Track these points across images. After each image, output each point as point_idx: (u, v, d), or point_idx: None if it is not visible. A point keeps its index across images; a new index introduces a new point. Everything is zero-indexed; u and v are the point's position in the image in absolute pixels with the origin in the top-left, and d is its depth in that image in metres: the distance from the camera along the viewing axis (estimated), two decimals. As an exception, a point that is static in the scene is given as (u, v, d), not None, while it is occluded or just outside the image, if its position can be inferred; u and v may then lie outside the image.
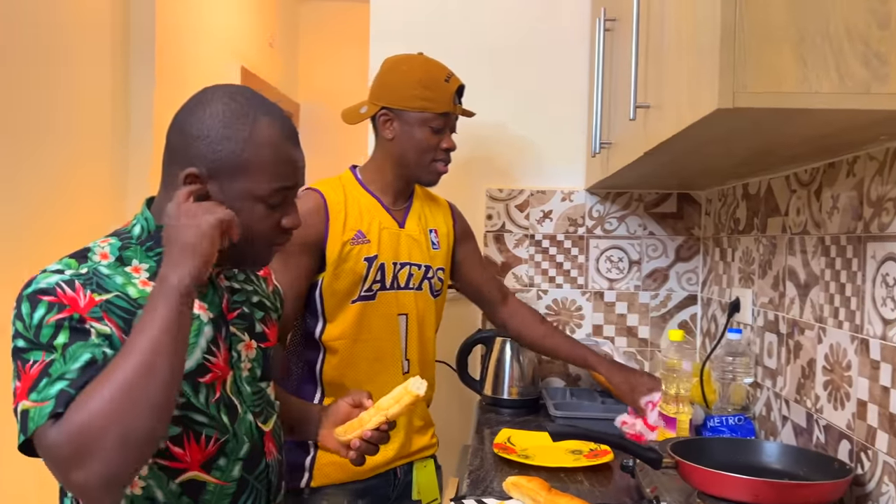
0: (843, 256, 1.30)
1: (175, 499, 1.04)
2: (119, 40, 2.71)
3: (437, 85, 1.63)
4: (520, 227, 2.22)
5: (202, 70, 3.30)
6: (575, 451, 1.61)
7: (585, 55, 2.19)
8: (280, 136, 1.06)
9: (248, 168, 1.03)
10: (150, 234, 1.08)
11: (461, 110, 1.70)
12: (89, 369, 0.92)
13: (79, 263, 1.02)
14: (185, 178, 1.03)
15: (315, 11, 5.01)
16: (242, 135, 1.03)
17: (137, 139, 2.77)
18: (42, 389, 0.91)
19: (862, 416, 1.21)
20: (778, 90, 0.87)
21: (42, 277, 0.98)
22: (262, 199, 1.05)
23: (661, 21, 1.20)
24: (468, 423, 2.19)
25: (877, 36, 0.86)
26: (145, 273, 1.05)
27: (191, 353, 1.04)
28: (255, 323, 1.18)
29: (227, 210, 1.01)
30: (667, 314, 2.20)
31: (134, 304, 1.01)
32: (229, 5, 3.73)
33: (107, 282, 1.01)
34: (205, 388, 1.06)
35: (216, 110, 1.04)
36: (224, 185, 1.04)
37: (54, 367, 0.92)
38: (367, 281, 1.60)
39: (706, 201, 2.16)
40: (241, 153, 1.03)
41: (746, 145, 1.22)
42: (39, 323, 0.94)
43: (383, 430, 1.18)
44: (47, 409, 0.90)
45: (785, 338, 1.55)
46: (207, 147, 1.03)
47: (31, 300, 0.96)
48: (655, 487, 1.25)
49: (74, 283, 0.98)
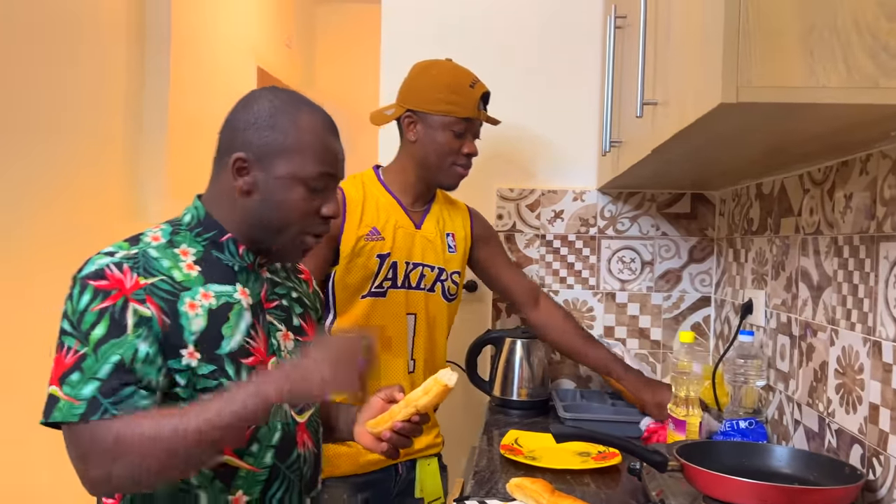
0: (856, 257, 1.27)
1: (208, 482, 1.08)
2: (134, 40, 2.73)
3: (461, 90, 1.66)
4: (531, 227, 2.20)
5: (218, 70, 3.32)
6: (582, 453, 1.60)
7: (598, 53, 2.17)
8: (322, 125, 1.14)
9: (293, 151, 1.10)
10: (200, 221, 1.14)
11: (485, 117, 1.72)
12: (118, 373, 0.99)
13: (130, 245, 1.09)
14: (234, 163, 1.10)
15: (332, 13, 5.02)
16: (287, 121, 1.11)
17: (152, 139, 2.79)
18: (76, 385, 0.98)
19: (874, 421, 1.18)
20: (784, 84, 0.85)
21: (95, 259, 1.05)
22: (305, 181, 1.11)
23: (668, 16, 1.18)
24: (477, 425, 2.18)
25: (885, 28, 0.84)
26: (192, 257, 1.11)
27: (231, 335, 1.09)
28: (293, 316, 1.22)
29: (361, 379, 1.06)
30: (679, 316, 2.17)
31: (178, 287, 1.07)
32: (246, 6, 3.75)
33: (154, 264, 1.07)
34: (247, 369, 1.10)
35: (263, 104, 1.13)
36: (269, 168, 1.11)
37: (87, 363, 0.99)
38: (377, 278, 1.62)
39: (720, 201, 2.13)
40: (286, 138, 1.11)
41: (755, 142, 1.19)
42: (84, 309, 1.01)
43: (415, 421, 1.19)
44: (78, 409, 0.97)
45: (797, 340, 1.52)
46: (255, 134, 1.11)
47: (81, 284, 1.02)
48: (661, 491, 1.23)
49: (123, 265, 1.04)
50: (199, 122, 3.10)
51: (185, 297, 1.06)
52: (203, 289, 1.08)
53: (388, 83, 2.24)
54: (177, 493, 1.07)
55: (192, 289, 1.07)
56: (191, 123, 2.99)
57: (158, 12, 2.80)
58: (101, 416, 0.97)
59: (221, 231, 1.13)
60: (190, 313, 1.06)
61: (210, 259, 1.12)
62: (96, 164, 2.50)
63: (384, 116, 1.71)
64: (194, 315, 1.06)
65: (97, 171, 2.51)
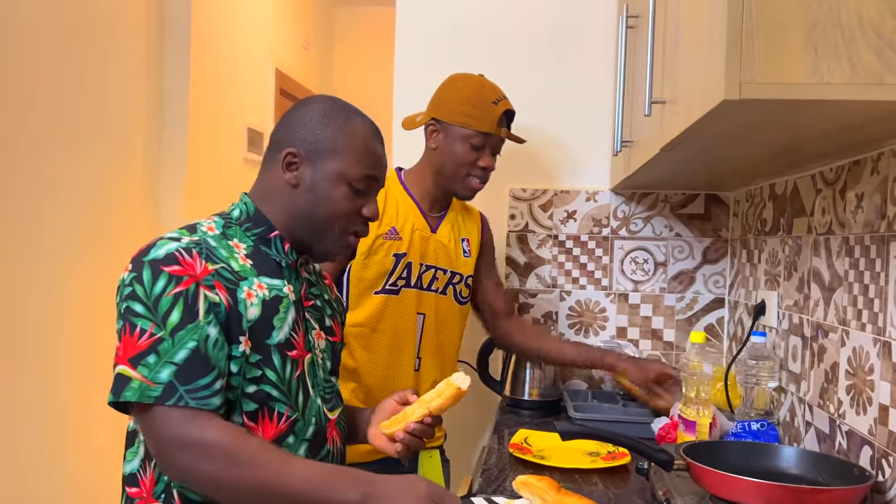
0: (866, 257, 1.26)
1: None
2: (154, 42, 2.77)
3: (483, 104, 1.70)
4: (543, 228, 2.20)
5: (237, 72, 3.35)
6: (592, 453, 1.60)
7: (611, 53, 2.17)
8: (370, 132, 1.20)
9: (342, 151, 1.16)
10: (249, 217, 1.17)
11: (506, 134, 1.76)
12: (194, 358, 1.01)
13: (190, 233, 1.11)
14: (285, 157, 1.15)
15: (349, 15, 5.04)
16: (339, 124, 1.17)
17: (171, 141, 2.82)
18: (153, 368, 0.99)
19: (884, 422, 1.17)
20: (787, 81, 0.85)
21: (161, 244, 1.07)
22: (350, 181, 1.16)
23: (676, 15, 1.18)
24: (487, 424, 2.18)
25: (890, 25, 0.83)
26: (244, 250, 1.14)
27: (281, 326, 1.12)
28: (325, 317, 1.27)
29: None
30: (693, 317, 2.16)
31: (237, 276, 1.09)
32: (264, 8, 3.78)
33: (216, 252, 1.10)
34: (291, 361, 1.13)
35: (317, 106, 1.18)
36: (318, 164, 1.15)
37: (163, 347, 1.00)
38: (392, 276, 1.66)
39: (734, 202, 2.12)
40: (337, 138, 1.16)
41: (763, 140, 1.19)
42: (160, 294, 1.03)
43: (427, 423, 1.21)
44: (153, 392, 0.99)
45: (809, 341, 1.51)
46: (307, 132, 1.16)
47: (153, 268, 1.04)
48: (667, 490, 1.23)
49: (192, 251, 1.07)
50: (219, 123, 3.13)
51: (244, 286, 1.09)
52: (258, 280, 1.12)
53: (402, 86, 2.26)
54: None
55: (248, 279, 1.11)
56: (210, 124, 3.02)
57: (178, 15, 2.83)
58: (176, 402, 0.98)
59: (270, 227, 1.17)
60: (248, 301, 1.09)
61: (260, 254, 1.15)
62: (117, 164, 2.54)
63: (413, 122, 1.78)
64: (251, 304, 1.09)
65: (119, 170, 2.55)
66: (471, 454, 2.18)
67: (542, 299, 2.20)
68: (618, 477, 1.47)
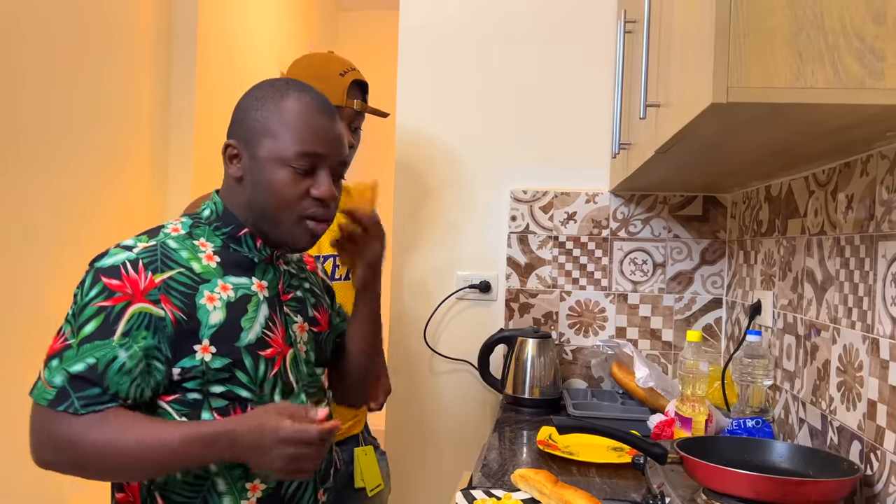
0: (856, 256, 1.29)
1: (226, 469, 1.09)
2: (162, 46, 2.81)
3: (330, 77, 1.64)
4: (544, 229, 2.24)
5: (243, 76, 3.39)
6: (616, 448, 1.63)
7: (611, 57, 2.20)
8: (308, 106, 1.12)
9: (275, 132, 1.11)
10: (219, 216, 1.16)
11: (361, 105, 1.68)
12: (88, 374, 1.01)
13: (149, 238, 1.10)
14: (225, 150, 1.15)
15: (354, 19, 5.09)
16: (271, 106, 1.12)
17: (178, 142, 2.86)
18: (53, 371, 1.02)
19: (872, 417, 1.20)
20: (772, 85, 0.88)
21: (114, 252, 1.07)
22: (287, 162, 1.10)
23: (670, 20, 1.22)
24: (488, 422, 2.22)
25: (872, 31, 0.86)
26: (211, 248, 1.13)
27: (250, 327, 1.10)
28: (308, 307, 1.24)
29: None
30: (691, 317, 2.19)
31: (197, 279, 1.08)
32: (270, 13, 3.83)
33: (173, 255, 1.08)
34: (265, 361, 1.11)
35: (252, 92, 1.16)
36: (253, 151, 1.12)
37: (67, 355, 1.02)
38: None
39: (731, 204, 2.15)
40: (269, 119, 1.12)
41: (754, 143, 1.22)
42: (87, 302, 1.03)
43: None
44: (48, 395, 1.01)
45: (802, 340, 1.54)
46: (243, 121, 1.14)
47: (94, 276, 1.05)
48: (662, 483, 1.26)
49: (139, 263, 1.05)
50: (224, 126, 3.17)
51: (204, 290, 1.07)
52: (222, 281, 1.10)
53: (406, 88, 2.30)
54: (194, 480, 1.08)
55: (210, 281, 1.09)
56: (216, 128, 3.06)
57: (185, 18, 2.88)
58: (67, 408, 1.00)
59: (239, 226, 1.15)
60: (209, 306, 1.07)
61: (228, 252, 1.14)
62: (123, 166, 2.58)
63: None
64: (213, 308, 1.07)
65: (124, 172, 2.59)
66: (472, 451, 2.21)
67: (543, 300, 2.23)
68: (614, 471, 1.50)
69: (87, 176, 2.38)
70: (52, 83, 2.20)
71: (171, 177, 2.86)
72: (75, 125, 2.32)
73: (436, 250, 2.28)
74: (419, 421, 2.27)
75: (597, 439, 1.66)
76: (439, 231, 2.29)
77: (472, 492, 1.33)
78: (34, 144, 2.13)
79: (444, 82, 2.29)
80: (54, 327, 1.08)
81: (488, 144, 2.27)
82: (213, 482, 1.09)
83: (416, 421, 2.27)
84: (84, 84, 2.35)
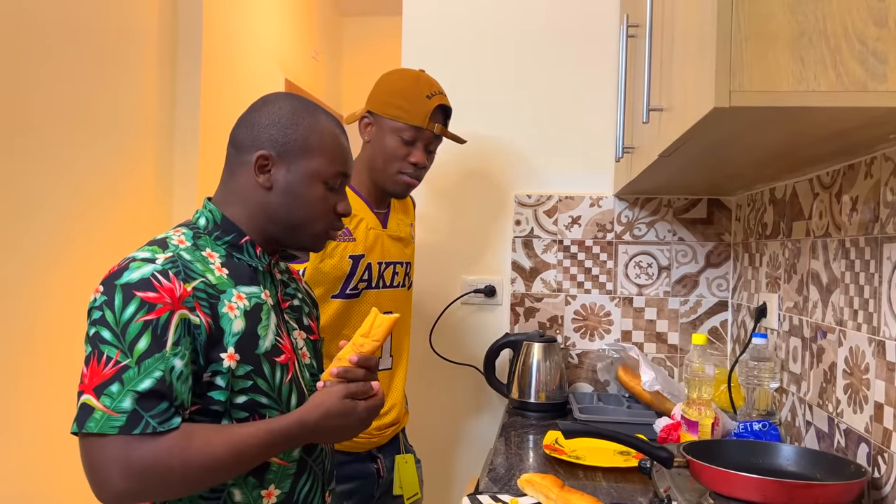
0: (861, 258, 1.29)
1: (241, 478, 1.10)
2: (166, 52, 2.83)
3: (416, 98, 1.65)
4: (548, 233, 2.24)
5: (247, 82, 3.41)
6: (623, 452, 1.63)
7: (614, 61, 2.21)
8: (337, 128, 1.21)
9: (314, 150, 1.16)
10: (217, 224, 1.16)
11: (441, 130, 1.69)
12: (158, 388, 0.99)
13: (163, 249, 1.08)
14: (257, 160, 1.14)
15: (358, 25, 5.11)
16: (308, 122, 1.17)
17: (183, 149, 2.88)
18: (116, 398, 0.97)
19: (879, 419, 1.20)
20: (775, 89, 0.88)
21: (135, 266, 1.04)
22: (325, 179, 1.17)
23: (672, 24, 1.22)
24: (494, 426, 2.21)
25: (874, 34, 0.87)
26: (218, 260, 1.13)
27: (266, 334, 1.12)
28: (303, 316, 1.27)
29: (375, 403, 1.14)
30: (696, 320, 2.18)
31: (215, 290, 1.08)
32: (274, 18, 3.84)
33: (191, 266, 1.08)
34: (280, 367, 1.13)
35: (283, 105, 1.18)
36: (292, 165, 1.15)
37: (128, 375, 0.98)
38: (353, 279, 1.61)
39: (736, 206, 2.15)
40: (308, 137, 1.16)
41: (757, 146, 1.22)
42: (129, 319, 1.00)
43: (354, 362, 1.15)
44: (117, 422, 0.97)
45: (808, 342, 1.53)
46: (278, 132, 1.15)
47: (125, 293, 1.01)
48: (668, 487, 1.26)
49: (169, 273, 1.04)
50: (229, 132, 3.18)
51: (224, 300, 1.08)
52: (236, 290, 1.10)
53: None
54: (210, 493, 1.08)
55: (226, 291, 1.09)
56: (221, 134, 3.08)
57: (190, 24, 2.90)
58: (143, 430, 0.97)
59: (240, 234, 1.15)
60: (230, 315, 1.07)
61: (234, 262, 1.14)
62: (129, 172, 2.59)
63: (353, 116, 1.76)
64: (234, 317, 1.08)
65: (129, 178, 2.60)
66: (478, 456, 2.21)
67: (548, 304, 2.23)
68: (620, 475, 1.50)
69: (91, 181, 2.39)
70: (58, 90, 2.22)
71: (176, 182, 2.87)
72: (80, 131, 2.33)
73: (441, 255, 2.29)
74: (425, 426, 2.27)
75: (603, 443, 1.66)
76: (444, 236, 2.29)
77: (479, 496, 1.33)
78: (40, 150, 2.15)
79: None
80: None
81: (492, 149, 2.27)
82: (229, 493, 1.09)
83: (423, 426, 2.27)
84: (89, 91, 2.37)
